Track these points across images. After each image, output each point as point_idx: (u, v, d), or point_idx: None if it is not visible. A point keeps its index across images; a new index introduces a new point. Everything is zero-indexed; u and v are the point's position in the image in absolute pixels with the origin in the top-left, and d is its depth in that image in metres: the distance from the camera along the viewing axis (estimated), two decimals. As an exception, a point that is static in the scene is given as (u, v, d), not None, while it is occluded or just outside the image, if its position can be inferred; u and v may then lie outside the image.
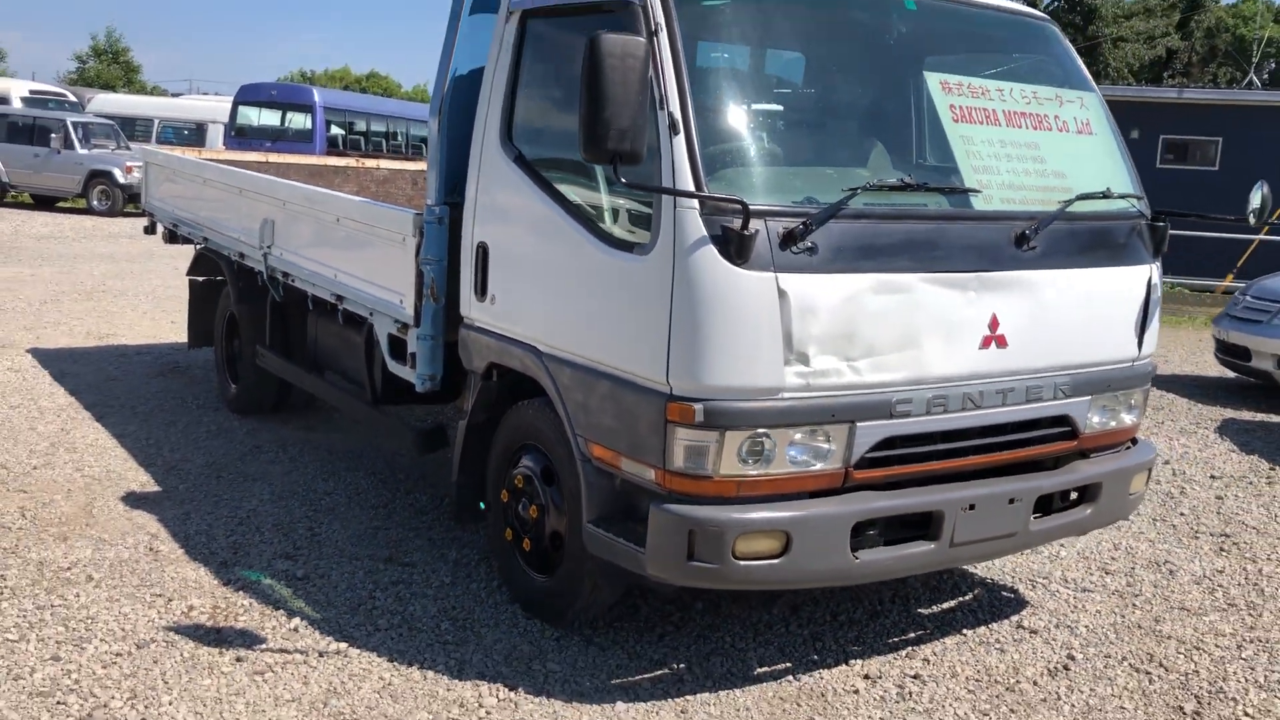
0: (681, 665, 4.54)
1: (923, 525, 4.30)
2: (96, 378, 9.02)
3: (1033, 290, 4.41)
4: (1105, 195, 4.67)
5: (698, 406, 3.84)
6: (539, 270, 4.61)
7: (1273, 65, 41.61)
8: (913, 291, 4.11)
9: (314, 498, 6.38)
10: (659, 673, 4.47)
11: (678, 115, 3.89)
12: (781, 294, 3.83)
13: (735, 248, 3.77)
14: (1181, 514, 6.96)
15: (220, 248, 7.89)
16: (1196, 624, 5.27)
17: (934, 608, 5.24)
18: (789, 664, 4.61)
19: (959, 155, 4.38)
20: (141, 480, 6.53)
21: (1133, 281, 4.79)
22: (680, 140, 3.88)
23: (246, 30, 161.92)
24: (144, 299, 13.10)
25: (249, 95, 23.84)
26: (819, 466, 4.06)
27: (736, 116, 4.16)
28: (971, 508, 4.32)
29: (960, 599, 5.36)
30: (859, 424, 4.07)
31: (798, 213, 3.90)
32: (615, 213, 4.29)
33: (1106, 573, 5.86)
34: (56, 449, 7.05)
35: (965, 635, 4.97)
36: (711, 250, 3.80)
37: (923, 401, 4.19)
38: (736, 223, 3.77)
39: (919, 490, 4.28)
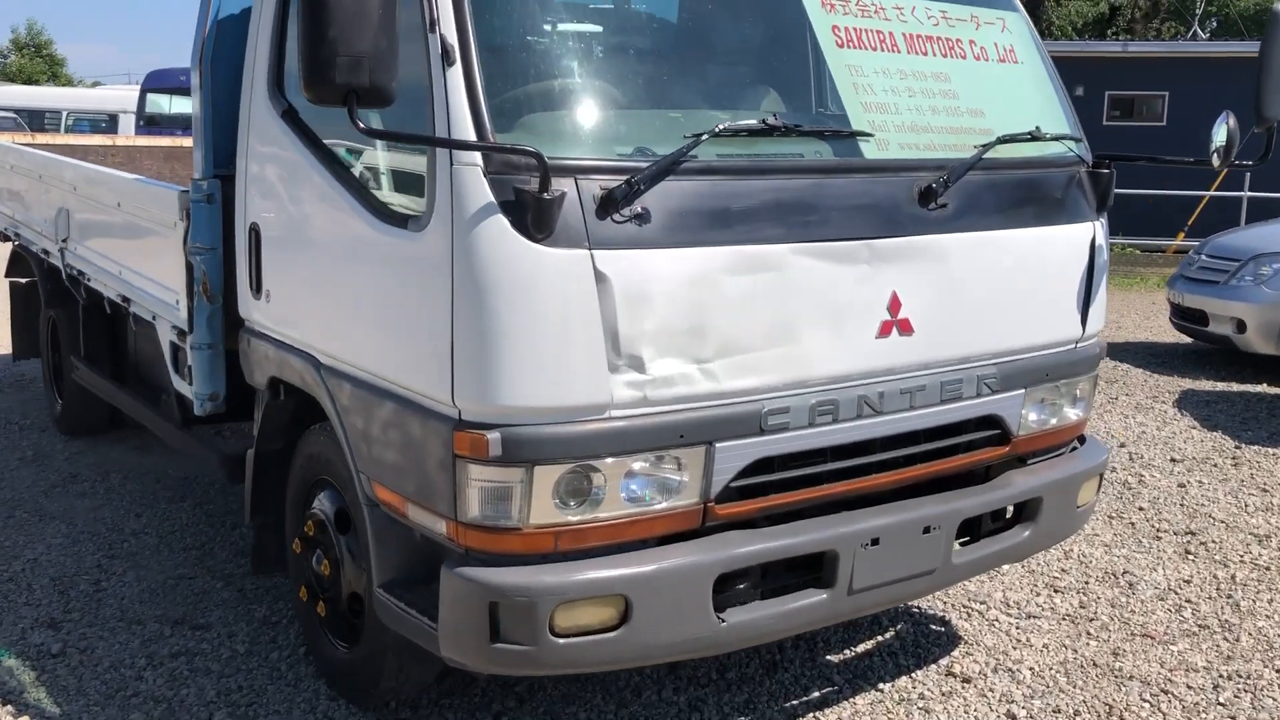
0: (518, 756, 3.56)
1: (815, 568, 3.34)
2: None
3: (943, 260, 3.43)
4: (1034, 137, 3.70)
5: (493, 436, 2.84)
6: (313, 256, 3.59)
7: (1214, 23, 41.11)
8: (784, 268, 3.12)
9: (116, 540, 5.31)
10: (487, 769, 3.48)
11: (453, 40, 2.86)
12: (600, 278, 2.83)
13: (533, 217, 2.77)
14: (1140, 508, 6.05)
15: (28, 243, 6.78)
16: (1163, 656, 4.34)
17: (845, 653, 4.28)
18: (658, 745, 3.64)
19: (844, 91, 3.39)
20: (-93, 526, 5.44)
21: (1072, 244, 3.83)
22: (457, 73, 2.86)
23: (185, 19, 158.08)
24: None
25: (157, 82, 22.30)
26: (667, 504, 3.07)
27: (538, 42, 3.13)
28: (874, 543, 3.35)
29: (879, 638, 4.40)
30: (718, 445, 3.09)
31: (621, 168, 2.89)
32: (393, 177, 3.26)
33: (1055, 591, 4.93)
34: None
35: (882, 691, 4.01)
36: (500, 221, 2.79)
37: (804, 410, 3.21)
38: (534, 182, 2.76)
39: (805, 525, 3.31)
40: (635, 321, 2.88)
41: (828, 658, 4.23)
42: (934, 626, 4.54)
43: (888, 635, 4.44)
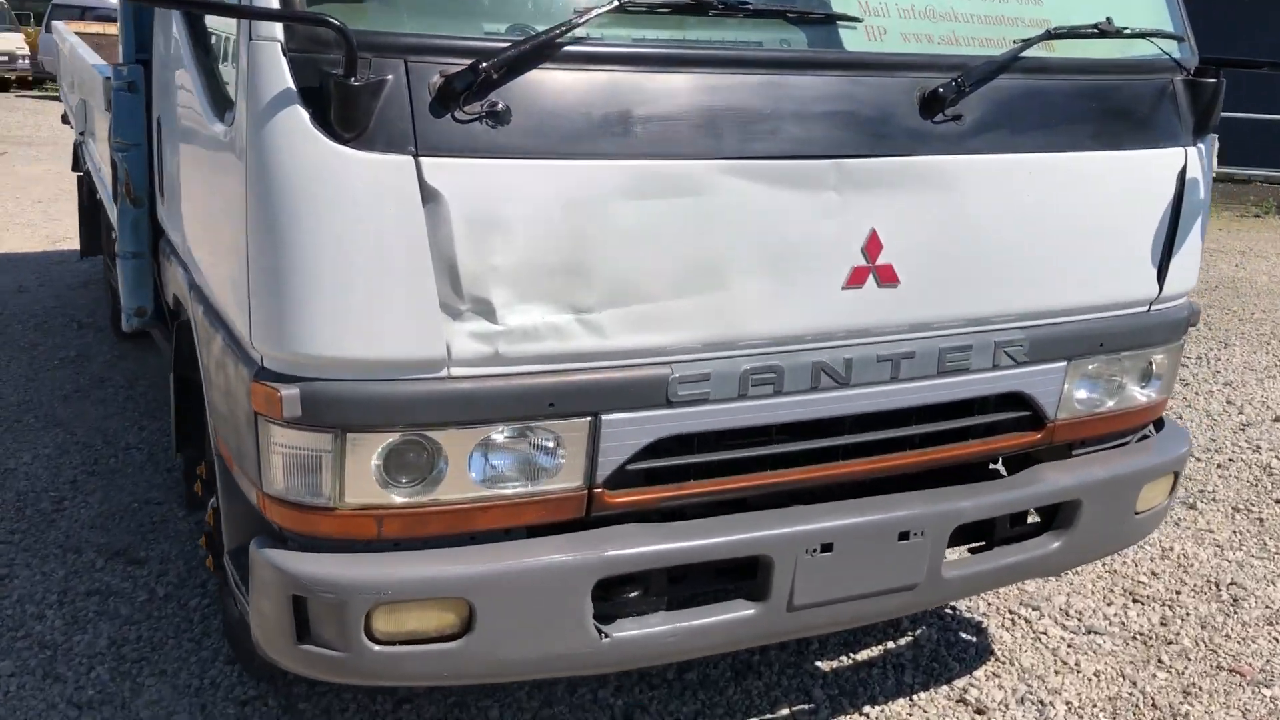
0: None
1: (749, 575, 2.64)
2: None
3: (949, 189, 2.61)
4: (1102, 33, 2.79)
5: (288, 392, 2.23)
6: (180, 151, 3.03)
7: None
8: (707, 191, 2.37)
9: (105, 454, 5.01)
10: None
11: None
12: (430, 195, 2.16)
13: (337, 109, 2.11)
14: (1277, 501, 5.03)
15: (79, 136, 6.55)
16: (1249, 702, 3.46)
17: (841, 660, 3.56)
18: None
19: (827, -44, 2.57)
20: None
21: (1150, 175, 2.92)
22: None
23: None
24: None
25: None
26: (537, 488, 2.42)
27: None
28: (825, 549, 2.62)
29: (889, 645, 3.66)
30: (607, 418, 2.40)
31: (467, 49, 2.19)
32: (224, 57, 2.64)
33: (1135, 600, 4.05)
34: None
35: (866, 717, 3.29)
36: (298, 114, 2.14)
37: (730, 378, 2.49)
38: (342, 65, 2.11)
39: (727, 522, 2.60)
40: (482, 254, 2.20)
41: (817, 664, 3.53)
42: (963, 634, 3.76)
43: (901, 641, 3.69)
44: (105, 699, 3.22)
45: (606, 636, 2.47)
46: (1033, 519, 3.12)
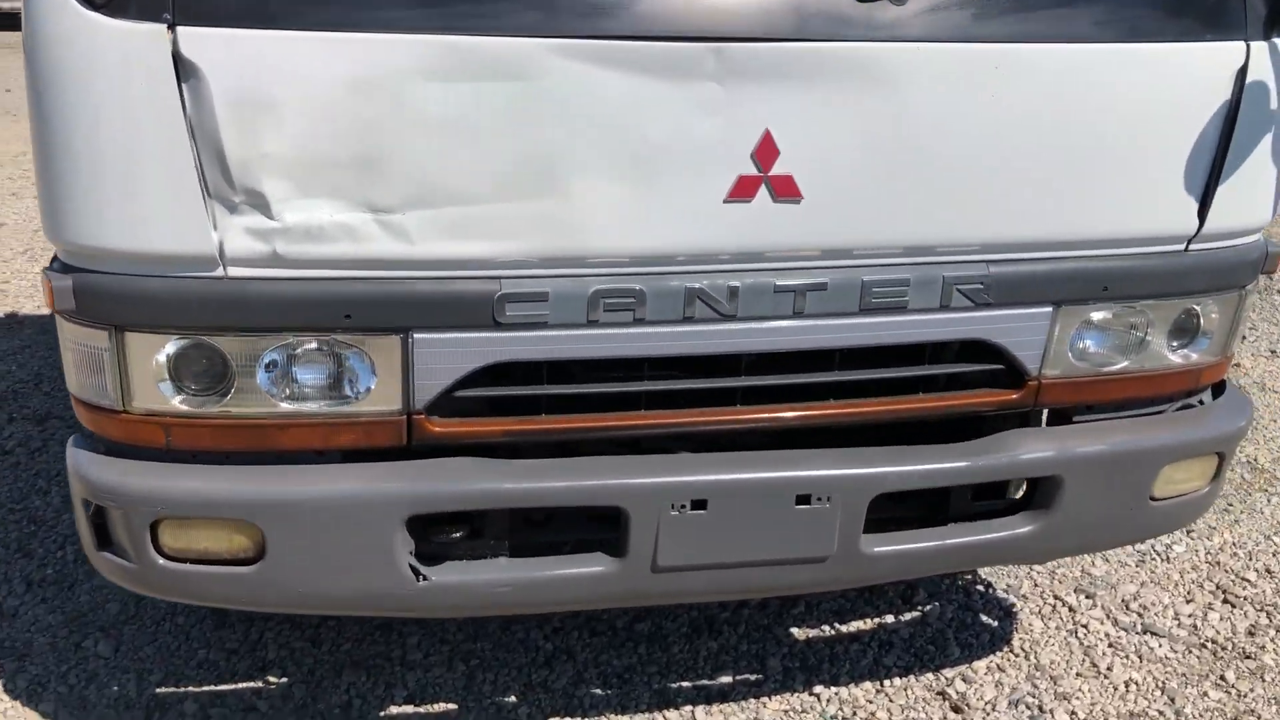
0: None
1: (613, 526, 2.30)
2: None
3: (873, 85, 2.08)
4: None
5: (61, 283, 2.06)
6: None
7: None
8: (540, 75, 1.98)
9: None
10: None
11: None
12: (188, 70, 1.90)
13: None
14: None
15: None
16: (1315, 745, 2.81)
17: (822, 629, 3.14)
18: None
19: None
20: None
21: (1187, 75, 2.27)
22: None
23: None
24: None
25: None
26: (346, 409, 2.16)
27: None
28: (698, 505, 2.23)
29: (888, 619, 3.20)
30: (419, 335, 2.10)
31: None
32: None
33: (1226, 599, 3.39)
34: None
35: (817, 697, 2.88)
36: None
37: (575, 300, 2.12)
38: (91, -85, 1.87)
39: (575, 465, 2.26)
40: (251, 140, 1.93)
41: (792, 630, 3.13)
42: (984, 616, 3.24)
43: (905, 617, 3.22)
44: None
45: (424, 579, 2.21)
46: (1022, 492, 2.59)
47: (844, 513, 2.29)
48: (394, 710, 2.77)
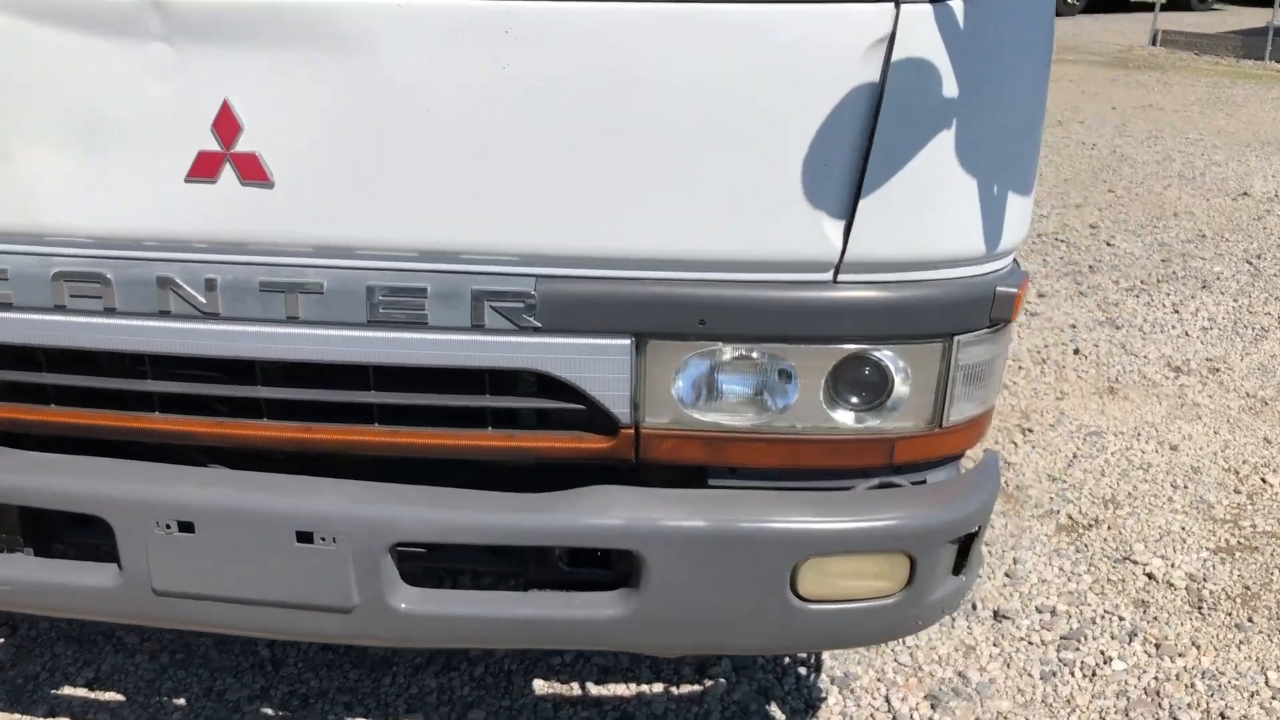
0: None
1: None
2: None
3: (359, 48, 1.71)
4: None
5: None
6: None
7: None
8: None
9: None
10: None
11: None
12: None
13: None
14: None
15: None
16: None
17: (571, 685, 2.72)
18: None
19: None
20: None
21: (815, 44, 1.69)
22: None
23: None
24: None
25: None
26: None
27: None
28: (185, 527, 1.96)
29: (652, 687, 2.73)
30: None
31: None
32: None
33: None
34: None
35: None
36: None
37: (37, 281, 1.88)
38: None
39: (65, 465, 2.03)
40: None
41: (535, 682, 2.73)
42: (772, 706, 2.69)
43: (678, 689, 2.73)
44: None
45: (-75, 568, 2.09)
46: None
47: (356, 558, 1.93)
48: (68, 691, 2.69)
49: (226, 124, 1.77)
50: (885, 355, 1.87)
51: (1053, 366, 4.85)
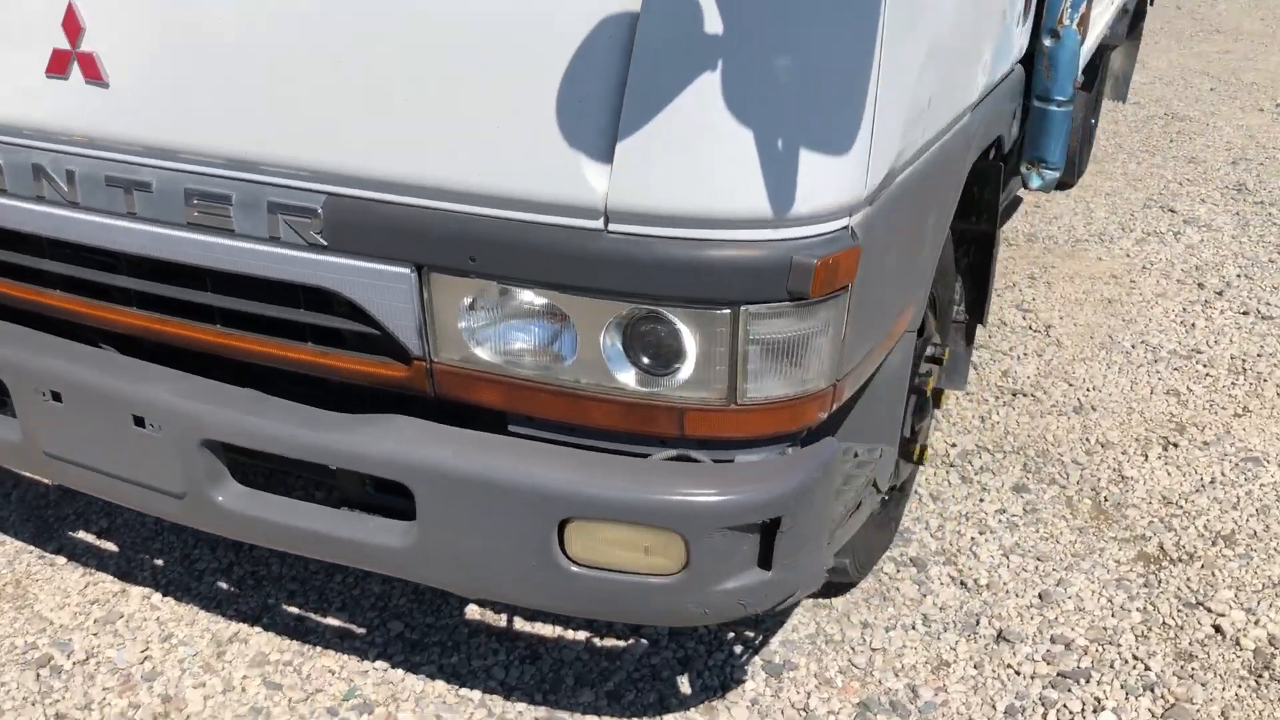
0: None
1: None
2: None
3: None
4: None
5: None
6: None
7: None
8: None
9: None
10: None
11: None
12: None
13: None
14: None
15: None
16: None
17: (501, 616, 2.72)
18: None
19: None
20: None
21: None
22: None
23: None
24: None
25: None
26: None
27: None
28: (56, 397, 2.13)
29: (575, 634, 2.66)
30: None
31: None
32: None
33: None
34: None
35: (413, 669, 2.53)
36: None
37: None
38: None
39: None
40: None
41: (470, 610, 2.76)
42: (680, 678, 2.56)
43: (601, 641, 2.66)
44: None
45: None
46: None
47: (179, 448, 2.04)
48: (80, 535, 3.01)
49: (72, 23, 1.89)
50: (671, 318, 1.72)
51: (1251, 378, 4.18)
